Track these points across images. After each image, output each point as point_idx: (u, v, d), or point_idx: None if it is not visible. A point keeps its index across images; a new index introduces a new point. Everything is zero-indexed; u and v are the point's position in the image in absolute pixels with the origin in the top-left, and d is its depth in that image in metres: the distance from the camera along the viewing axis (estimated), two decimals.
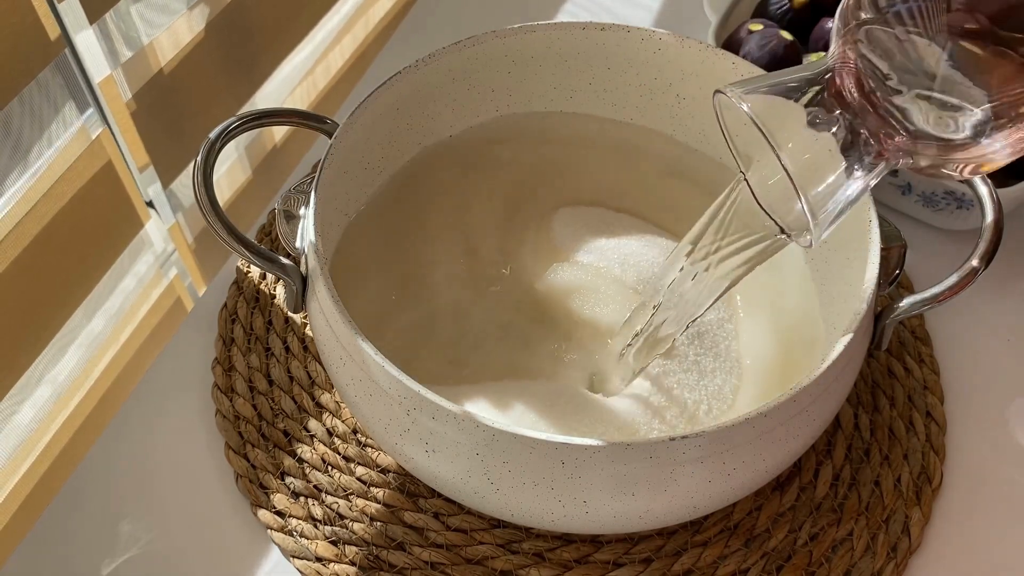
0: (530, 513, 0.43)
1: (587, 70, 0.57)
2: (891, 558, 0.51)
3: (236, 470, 0.53)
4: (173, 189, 0.70)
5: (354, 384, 0.44)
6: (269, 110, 0.49)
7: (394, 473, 0.53)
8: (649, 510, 0.42)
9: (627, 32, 0.55)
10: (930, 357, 0.58)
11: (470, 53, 0.54)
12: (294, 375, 0.56)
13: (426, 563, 0.50)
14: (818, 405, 0.44)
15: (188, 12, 0.64)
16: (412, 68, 0.53)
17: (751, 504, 0.52)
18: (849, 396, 0.55)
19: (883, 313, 0.47)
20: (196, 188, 0.45)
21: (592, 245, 0.54)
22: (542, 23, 0.55)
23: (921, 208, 0.62)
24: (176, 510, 0.53)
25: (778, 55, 0.64)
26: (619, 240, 0.54)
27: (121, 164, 0.63)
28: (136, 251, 0.68)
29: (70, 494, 0.53)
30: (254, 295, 0.60)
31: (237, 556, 0.51)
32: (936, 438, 0.55)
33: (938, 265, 0.62)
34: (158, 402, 0.56)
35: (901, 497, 0.52)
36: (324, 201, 0.48)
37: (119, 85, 0.61)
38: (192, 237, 0.74)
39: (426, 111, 0.56)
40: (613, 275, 0.53)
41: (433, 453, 0.43)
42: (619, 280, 0.53)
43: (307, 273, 0.47)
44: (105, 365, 0.69)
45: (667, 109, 0.57)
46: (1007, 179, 0.61)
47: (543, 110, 0.58)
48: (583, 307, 0.52)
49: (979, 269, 0.45)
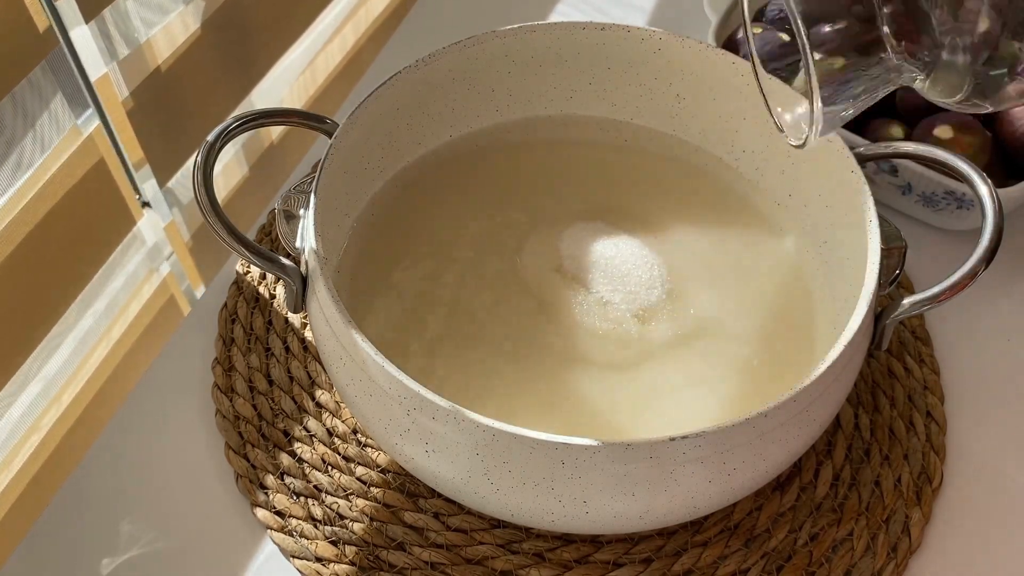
0: (530, 513, 0.43)
1: (587, 70, 0.57)
2: (891, 558, 0.51)
3: (236, 470, 0.53)
4: (169, 187, 0.70)
5: (354, 384, 0.44)
6: (269, 110, 0.49)
7: (394, 473, 0.53)
8: (649, 510, 0.42)
9: (627, 32, 0.55)
10: (930, 357, 0.58)
11: (470, 53, 0.54)
12: (294, 375, 0.56)
13: (426, 563, 0.50)
14: (818, 405, 0.44)
15: (184, 9, 0.64)
16: (412, 68, 0.53)
17: (751, 504, 0.52)
18: (849, 396, 0.55)
19: (883, 313, 0.47)
20: (196, 188, 0.45)
21: (594, 249, 0.54)
22: (542, 23, 0.55)
23: (921, 208, 0.62)
24: (176, 510, 0.53)
25: (777, 57, 0.63)
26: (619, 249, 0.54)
27: (115, 161, 0.63)
28: (129, 249, 0.68)
29: (70, 494, 0.53)
30: (254, 295, 0.60)
31: (237, 556, 0.51)
32: (936, 438, 0.55)
33: (938, 265, 0.62)
34: (158, 402, 0.56)
35: (901, 497, 0.52)
36: (324, 201, 0.48)
37: (115, 83, 0.61)
38: (189, 235, 0.74)
39: (426, 111, 0.56)
40: (615, 276, 0.53)
41: (433, 453, 0.43)
42: (621, 281, 0.53)
43: (307, 273, 0.47)
44: (98, 363, 0.69)
45: (667, 109, 0.57)
46: (1007, 179, 0.61)
47: (543, 110, 0.58)
48: (585, 306, 0.52)
49: (979, 269, 0.45)
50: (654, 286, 0.53)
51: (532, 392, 0.49)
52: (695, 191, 0.57)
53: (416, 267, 0.54)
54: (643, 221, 0.56)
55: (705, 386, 0.50)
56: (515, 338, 0.51)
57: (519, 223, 0.56)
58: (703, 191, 0.57)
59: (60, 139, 0.58)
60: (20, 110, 0.55)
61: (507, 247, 0.55)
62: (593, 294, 0.52)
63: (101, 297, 0.67)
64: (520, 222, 0.56)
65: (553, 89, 0.58)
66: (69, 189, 0.59)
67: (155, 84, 0.64)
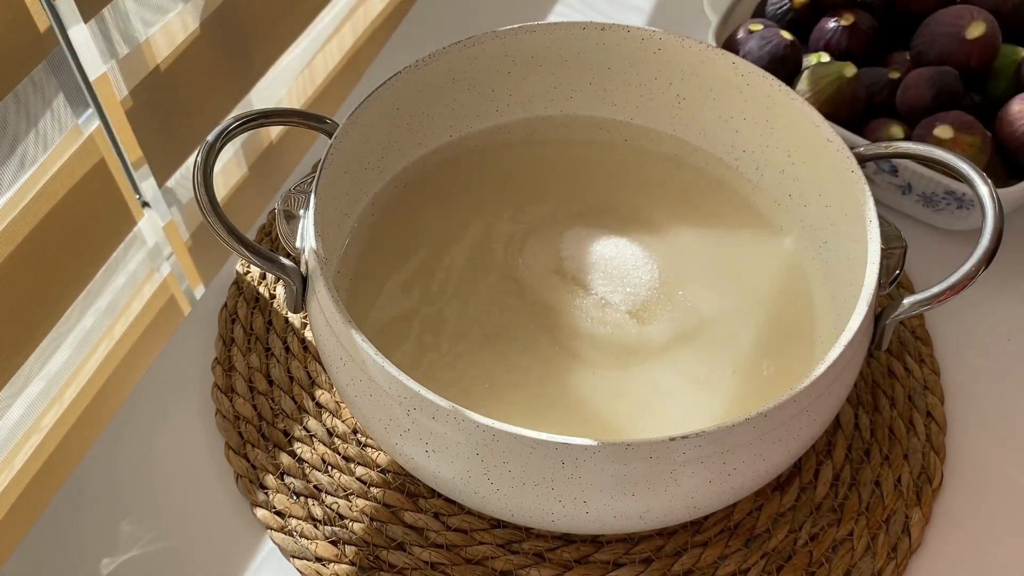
0: (530, 513, 0.43)
1: (587, 70, 0.57)
2: (891, 558, 0.51)
3: (236, 470, 0.53)
4: (168, 186, 0.70)
5: (354, 384, 0.44)
6: (269, 110, 0.49)
7: (394, 473, 0.53)
8: (649, 510, 0.42)
9: (627, 32, 0.55)
10: (930, 357, 0.58)
11: (470, 53, 0.54)
12: (294, 375, 0.56)
13: (426, 563, 0.50)
14: (818, 405, 0.44)
15: (183, 8, 0.64)
16: (412, 68, 0.53)
17: (751, 504, 0.52)
18: (849, 396, 0.55)
19: (883, 313, 0.47)
20: (196, 188, 0.45)
21: (593, 250, 0.54)
22: (542, 23, 0.55)
23: (921, 208, 0.62)
24: (176, 510, 0.53)
25: (778, 55, 0.64)
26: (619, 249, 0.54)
27: (115, 161, 0.63)
28: (130, 249, 0.68)
29: (70, 494, 0.53)
30: (254, 295, 0.60)
31: (237, 556, 0.51)
32: (936, 438, 0.55)
33: (938, 265, 0.62)
34: (158, 402, 0.56)
35: (901, 497, 0.52)
36: (324, 201, 0.48)
37: (114, 82, 0.61)
38: (188, 235, 0.74)
39: (426, 111, 0.56)
40: (615, 276, 0.53)
41: (433, 453, 0.43)
42: (620, 282, 0.53)
43: (307, 273, 0.47)
44: (99, 363, 0.69)
45: (667, 109, 0.57)
46: (1007, 179, 0.61)
47: (543, 110, 0.58)
48: (584, 306, 0.52)
49: (979, 269, 0.45)
50: (653, 286, 0.53)
51: (532, 392, 0.49)
52: (695, 191, 0.57)
53: (416, 267, 0.54)
54: (643, 222, 0.56)
55: (705, 386, 0.50)
56: (515, 338, 0.51)
57: (519, 223, 0.56)
58: (703, 191, 0.57)
59: (61, 138, 0.58)
60: (23, 110, 0.55)
61: (507, 247, 0.55)
62: (593, 294, 0.52)
63: (102, 297, 0.67)
64: (520, 223, 0.56)
65: (553, 89, 0.58)
66: (70, 189, 0.59)
67: (154, 84, 0.64)
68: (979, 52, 0.61)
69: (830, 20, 0.66)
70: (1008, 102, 0.61)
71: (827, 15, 0.66)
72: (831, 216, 0.52)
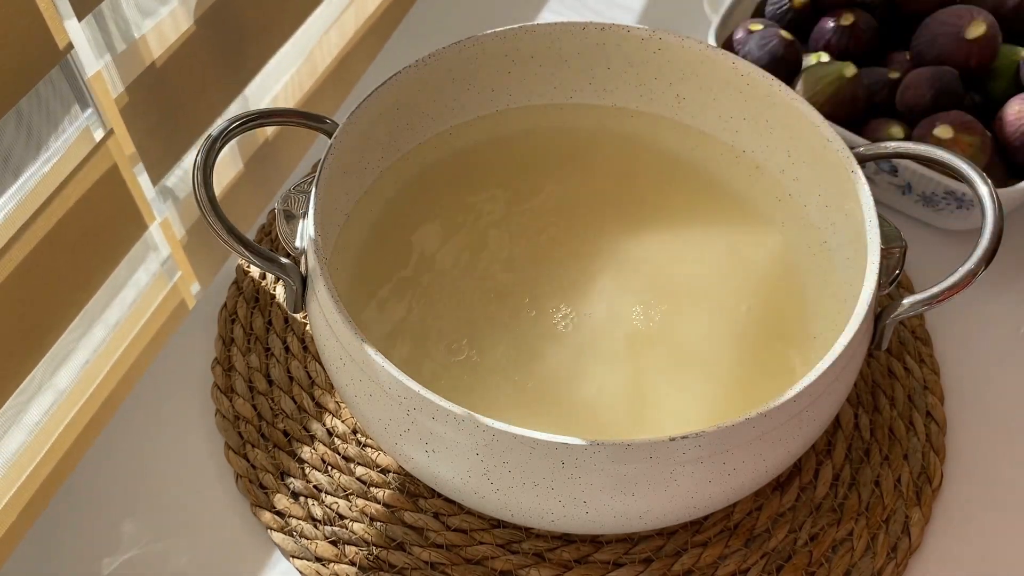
0: (530, 513, 0.43)
1: (587, 70, 0.57)
2: (891, 558, 0.51)
3: (236, 470, 0.53)
4: (164, 184, 0.70)
5: (354, 384, 0.44)
6: (269, 110, 0.49)
7: (394, 473, 0.53)
8: (649, 510, 0.42)
9: (627, 32, 0.55)
10: (930, 357, 0.58)
11: (470, 53, 0.54)
12: (294, 375, 0.56)
13: (426, 563, 0.50)
14: (818, 405, 0.44)
15: (177, 5, 0.64)
16: (412, 68, 0.53)
17: (751, 504, 0.52)
18: (849, 396, 0.55)
19: (883, 313, 0.47)
20: (195, 188, 0.45)
21: (593, 250, 0.54)
22: (542, 23, 0.55)
23: (921, 208, 0.62)
24: (176, 510, 0.53)
25: (778, 55, 0.64)
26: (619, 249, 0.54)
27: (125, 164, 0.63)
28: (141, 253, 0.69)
29: (70, 494, 0.53)
30: (254, 295, 0.60)
31: (237, 556, 0.51)
32: (936, 438, 0.55)
33: (938, 265, 0.62)
34: (158, 402, 0.56)
35: (901, 497, 0.52)
36: (324, 201, 0.48)
37: (108, 80, 0.61)
38: (183, 232, 0.74)
39: (426, 111, 0.55)
40: (614, 276, 0.53)
41: (433, 453, 0.43)
42: (620, 281, 0.53)
43: (307, 273, 0.47)
44: (108, 368, 0.69)
45: (667, 109, 0.57)
46: (1007, 179, 0.61)
47: (543, 110, 0.58)
48: (583, 307, 0.52)
49: (979, 269, 0.45)
50: (653, 286, 0.53)
51: (532, 392, 0.49)
52: (695, 190, 0.57)
53: (416, 267, 0.54)
54: (643, 221, 0.56)
55: (705, 386, 0.49)
56: (514, 338, 0.51)
57: (519, 223, 0.56)
58: (703, 190, 0.57)
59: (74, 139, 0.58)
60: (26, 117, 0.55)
61: (506, 247, 0.55)
62: (592, 294, 0.52)
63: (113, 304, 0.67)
64: (519, 222, 0.56)
65: (553, 89, 0.58)
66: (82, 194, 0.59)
67: (149, 81, 0.64)
68: (979, 52, 0.61)
69: (830, 20, 0.66)
70: (1008, 102, 0.61)
71: (827, 15, 0.66)
72: (831, 216, 0.52)
